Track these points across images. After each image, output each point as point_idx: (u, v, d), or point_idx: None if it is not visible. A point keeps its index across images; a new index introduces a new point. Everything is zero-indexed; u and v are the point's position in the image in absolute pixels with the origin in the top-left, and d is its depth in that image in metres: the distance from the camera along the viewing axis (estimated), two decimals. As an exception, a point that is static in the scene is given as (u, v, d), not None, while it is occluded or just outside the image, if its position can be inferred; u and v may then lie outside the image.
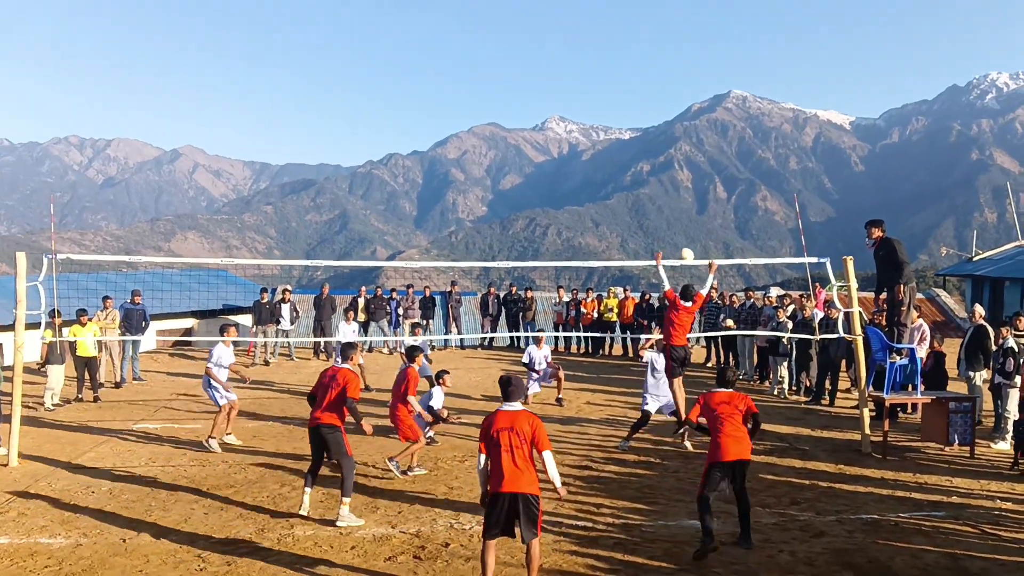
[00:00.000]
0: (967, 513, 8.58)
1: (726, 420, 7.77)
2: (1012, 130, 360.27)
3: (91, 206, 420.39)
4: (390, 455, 10.18)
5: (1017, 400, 11.52)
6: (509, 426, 6.46)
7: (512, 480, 6.37)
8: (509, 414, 6.55)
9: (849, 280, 11.60)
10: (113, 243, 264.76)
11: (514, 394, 6.68)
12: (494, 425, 6.50)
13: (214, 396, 11.56)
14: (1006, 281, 30.38)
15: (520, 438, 6.43)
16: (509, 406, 6.62)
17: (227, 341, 11.86)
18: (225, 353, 11.73)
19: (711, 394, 8.04)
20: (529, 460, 6.45)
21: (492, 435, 6.46)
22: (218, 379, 11.49)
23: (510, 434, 6.43)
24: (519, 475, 6.39)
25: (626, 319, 20.83)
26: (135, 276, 27.04)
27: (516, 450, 6.41)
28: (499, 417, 6.55)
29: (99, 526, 8.09)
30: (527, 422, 6.49)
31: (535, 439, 6.46)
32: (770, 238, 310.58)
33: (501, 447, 6.42)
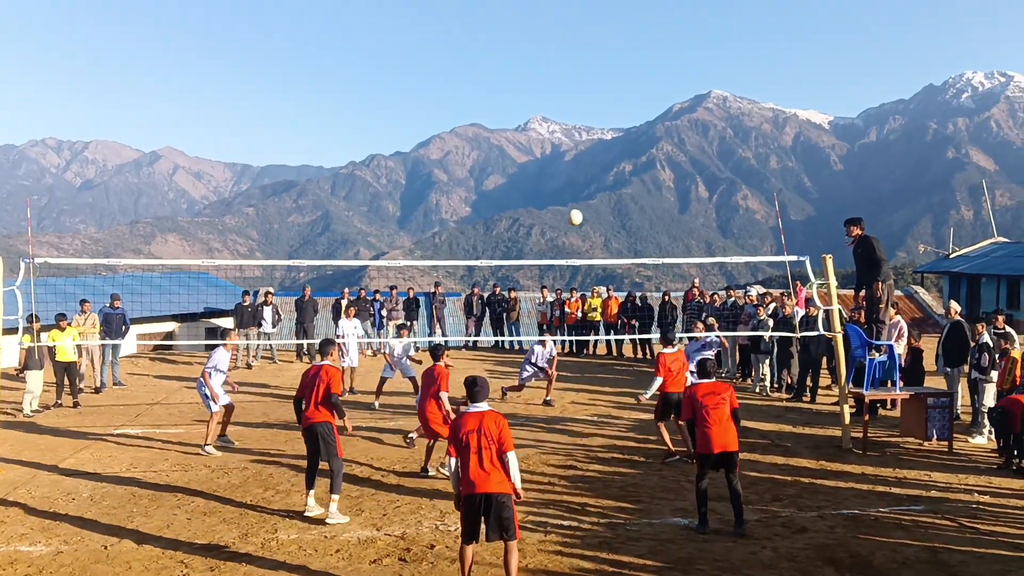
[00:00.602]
0: (945, 507, 8.69)
1: (712, 411, 7.94)
2: (987, 129, 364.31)
3: (69, 209, 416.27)
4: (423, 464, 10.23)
5: (993, 395, 11.67)
6: (476, 427, 6.48)
7: (483, 482, 6.39)
8: (476, 415, 6.56)
9: (829, 278, 11.70)
10: (92, 246, 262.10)
11: (480, 394, 6.71)
12: (463, 428, 6.52)
13: (207, 402, 11.52)
14: (982, 277, 30.75)
15: (488, 439, 6.45)
16: (476, 407, 6.65)
17: (229, 346, 11.94)
18: (224, 359, 11.78)
19: (695, 386, 8.19)
20: (498, 460, 6.46)
21: (461, 438, 6.49)
22: (211, 385, 11.47)
23: (478, 436, 6.45)
24: (488, 476, 6.40)
25: (610, 318, 20.89)
26: (114, 279, 26.85)
27: (484, 451, 6.43)
28: (467, 419, 6.56)
29: (80, 533, 8.03)
30: (493, 422, 6.51)
31: (501, 439, 6.47)
32: (751, 237, 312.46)
33: (470, 449, 6.44)
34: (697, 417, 8.04)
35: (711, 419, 7.93)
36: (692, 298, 19.93)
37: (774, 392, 15.78)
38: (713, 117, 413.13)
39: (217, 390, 11.53)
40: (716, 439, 7.88)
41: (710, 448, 7.89)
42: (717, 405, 8.00)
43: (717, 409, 7.97)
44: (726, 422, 7.98)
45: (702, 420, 7.95)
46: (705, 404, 8.01)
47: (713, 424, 7.92)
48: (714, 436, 7.89)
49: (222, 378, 11.74)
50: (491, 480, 6.39)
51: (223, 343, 11.99)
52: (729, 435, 7.95)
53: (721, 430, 7.91)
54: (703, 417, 7.96)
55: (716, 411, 7.96)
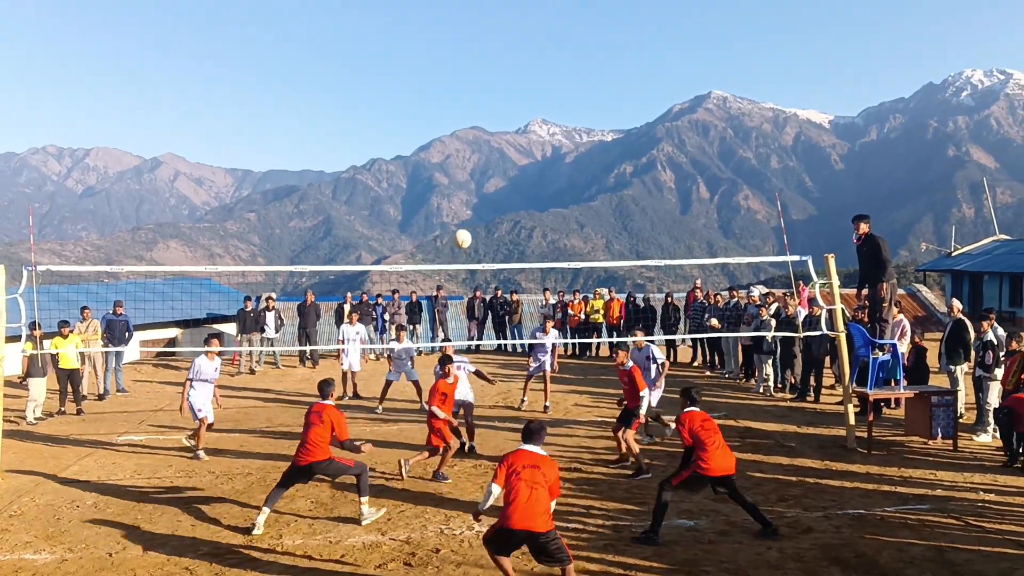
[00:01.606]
0: (951, 506, 8.67)
1: (712, 434, 7.99)
2: (987, 126, 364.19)
3: (71, 216, 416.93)
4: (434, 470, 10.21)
5: (997, 392, 11.64)
6: (532, 464, 6.52)
7: (528, 520, 6.32)
8: (532, 455, 6.62)
9: (831, 277, 11.69)
10: (94, 253, 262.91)
11: (536, 439, 6.77)
12: (517, 461, 6.54)
13: (192, 408, 11.49)
14: (985, 275, 30.69)
15: (545, 479, 6.47)
16: (532, 448, 6.69)
17: (211, 354, 11.77)
18: (205, 367, 11.64)
19: (690, 414, 8.19)
20: (546, 502, 6.44)
21: (517, 469, 6.48)
22: (185, 395, 11.42)
23: (533, 472, 6.47)
24: (535, 516, 6.35)
25: (612, 320, 20.88)
26: (117, 286, 26.86)
27: (537, 489, 6.41)
28: (522, 455, 6.60)
29: (85, 541, 8.02)
30: (550, 466, 6.60)
31: (554, 485, 6.56)
32: (753, 237, 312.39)
33: (522, 482, 6.41)
34: (696, 441, 8.00)
35: (712, 442, 7.94)
36: (694, 299, 19.90)
37: (778, 392, 15.76)
38: (713, 118, 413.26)
39: (191, 402, 11.41)
40: (719, 463, 7.88)
41: (713, 471, 7.86)
42: (715, 430, 8.07)
43: (717, 433, 8.04)
44: (725, 446, 8.05)
45: (701, 444, 7.94)
46: (707, 428, 8.03)
47: (715, 447, 7.92)
48: (716, 459, 7.88)
49: (209, 387, 11.62)
50: (537, 520, 6.35)
51: (205, 351, 11.82)
52: (730, 459, 8.02)
53: (723, 454, 7.95)
54: (703, 442, 7.94)
55: (716, 435, 8.02)
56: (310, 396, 16.13)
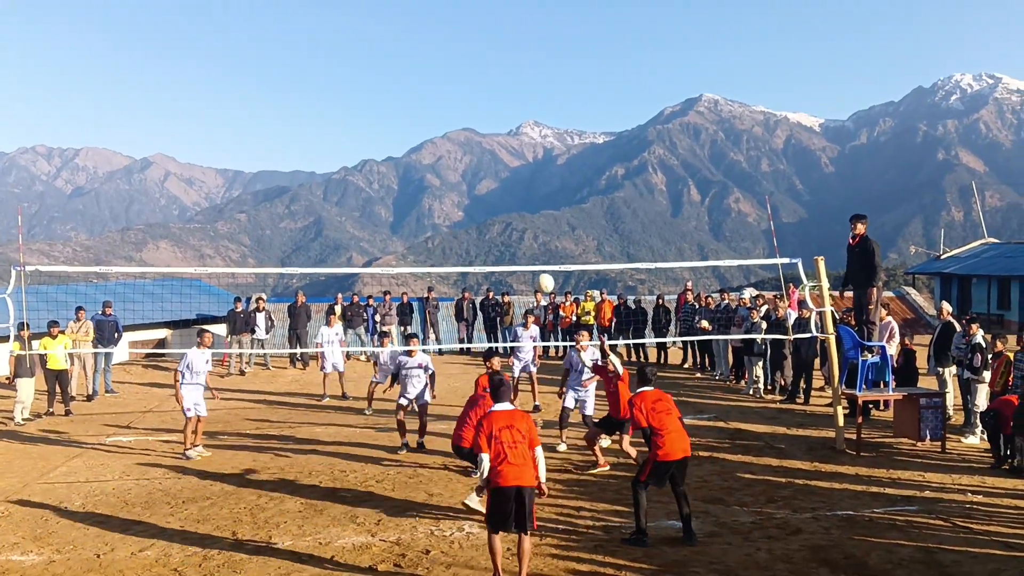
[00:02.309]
0: (939, 507, 8.71)
1: (665, 417, 7.93)
2: (976, 130, 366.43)
3: (60, 216, 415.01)
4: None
5: (986, 395, 11.71)
6: (509, 424, 6.83)
7: (516, 475, 6.70)
8: (505, 413, 6.95)
9: (821, 280, 11.73)
10: (83, 254, 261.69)
11: (505, 394, 7.11)
12: (493, 424, 6.83)
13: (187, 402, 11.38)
14: (973, 278, 30.88)
15: (520, 434, 6.82)
16: (502, 406, 7.02)
17: (203, 345, 11.66)
18: (198, 359, 11.48)
19: (642, 395, 8.12)
20: (529, 455, 6.83)
21: (493, 433, 6.78)
22: (179, 388, 11.29)
23: (510, 431, 6.80)
24: (521, 470, 6.74)
25: (604, 322, 20.90)
26: (106, 287, 26.70)
27: (518, 445, 6.77)
28: (496, 416, 6.91)
29: (72, 542, 7.98)
30: (522, 419, 6.93)
31: (531, 435, 6.89)
32: (743, 239, 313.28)
33: (504, 444, 6.76)
34: (652, 423, 7.89)
35: (667, 426, 7.86)
36: (685, 301, 19.94)
37: (768, 394, 15.80)
38: (704, 120, 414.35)
39: (184, 394, 11.27)
40: (676, 445, 7.81)
41: (671, 455, 7.77)
42: (669, 412, 7.99)
43: (670, 415, 7.96)
44: (681, 429, 7.98)
45: (657, 427, 7.85)
46: (659, 411, 7.94)
47: (670, 431, 7.84)
48: (673, 442, 7.80)
49: (200, 383, 11.51)
50: (523, 474, 6.73)
51: (198, 342, 11.69)
52: (686, 441, 7.95)
53: (679, 436, 7.87)
54: (657, 425, 7.85)
55: (670, 417, 7.94)
56: (300, 397, 16.13)
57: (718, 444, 11.77)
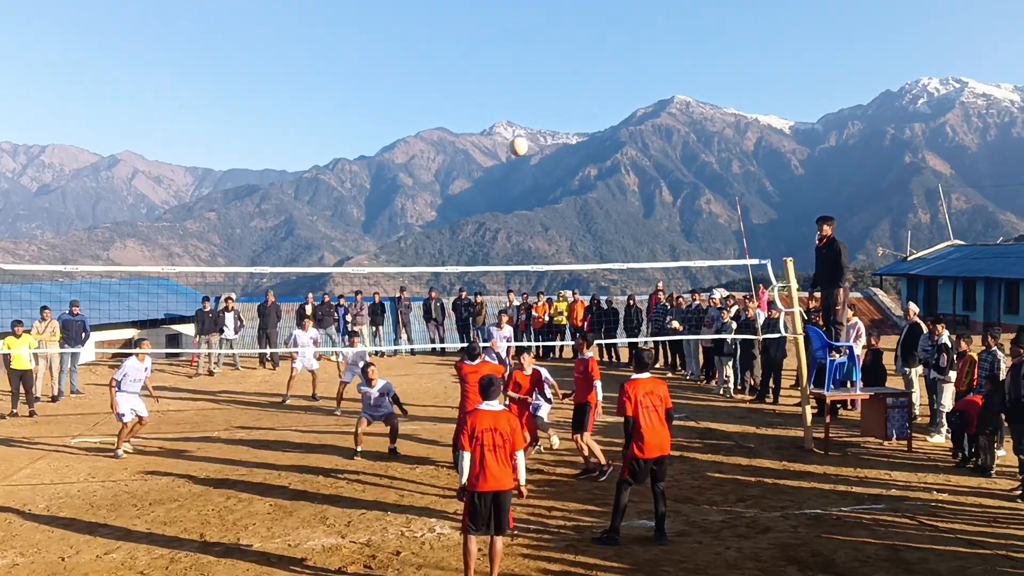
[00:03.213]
0: (905, 505, 8.83)
1: (650, 413, 7.75)
2: (943, 134, 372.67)
3: (25, 214, 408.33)
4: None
5: (951, 394, 11.89)
6: (493, 426, 6.64)
7: (496, 479, 6.57)
8: (491, 414, 6.73)
9: (790, 281, 11.84)
10: (49, 252, 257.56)
11: (493, 393, 6.86)
12: (479, 424, 6.64)
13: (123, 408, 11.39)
14: (939, 280, 31.40)
15: (503, 437, 6.64)
16: (489, 406, 6.80)
17: (140, 356, 11.67)
18: (135, 368, 11.51)
19: (635, 382, 7.87)
20: (509, 459, 6.67)
21: (477, 434, 6.60)
22: (113, 395, 11.33)
23: (493, 434, 6.62)
24: (501, 474, 6.60)
25: (576, 322, 20.94)
26: (72, 286, 26.33)
27: (499, 449, 6.61)
28: (482, 416, 6.70)
29: (36, 545, 7.84)
30: (507, 421, 6.73)
31: (514, 438, 6.69)
32: (715, 240, 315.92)
33: (485, 446, 6.59)
34: (634, 415, 7.71)
35: (647, 422, 7.69)
36: (657, 302, 20.03)
37: (737, 394, 15.93)
38: (676, 122, 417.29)
39: (119, 400, 11.33)
40: (652, 442, 7.67)
41: (647, 452, 7.66)
42: (656, 407, 7.79)
43: (656, 411, 7.78)
44: (662, 425, 7.80)
45: (638, 421, 7.69)
46: (645, 405, 7.73)
47: (649, 428, 7.69)
48: (650, 439, 7.66)
49: (135, 391, 11.53)
50: (503, 478, 6.60)
51: (135, 352, 11.76)
52: (665, 439, 7.79)
53: (657, 433, 7.71)
54: (639, 418, 7.69)
55: (655, 413, 7.75)
56: (270, 397, 15.98)
57: (688, 444, 11.85)
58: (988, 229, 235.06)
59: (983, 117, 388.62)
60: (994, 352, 10.68)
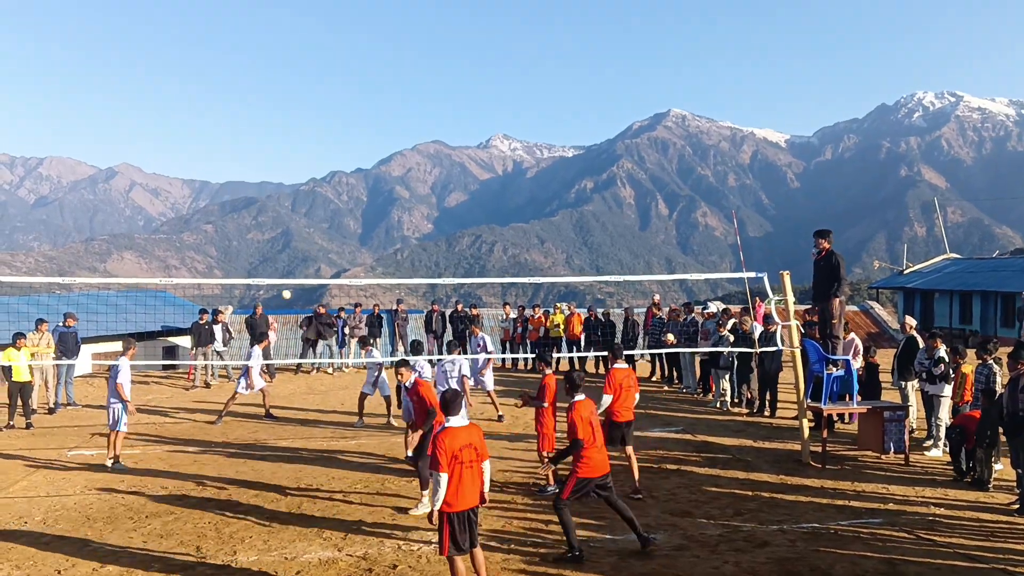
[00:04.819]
0: (903, 519, 8.82)
1: (596, 432, 7.82)
2: (938, 147, 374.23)
3: (22, 226, 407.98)
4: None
5: (948, 408, 11.90)
6: (468, 443, 6.56)
7: (473, 496, 6.53)
8: (463, 429, 6.64)
9: (786, 294, 11.86)
10: (46, 264, 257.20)
11: (458, 408, 6.75)
12: (456, 442, 6.50)
13: (121, 416, 11.45)
14: (936, 293, 31.46)
15: (476, 452, 6.59)
16: (458, 421, 6.69)
17: (130, 354, 11.91)
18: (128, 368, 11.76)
19: (580, 403, 7.85)
20: (480, 472, 6.62)
21: (456, 453, 6.46)
22: (127, 397, 11.49)
23: (470, 450, 6.55)
24: (475, 489, 6.56)
25: (572, 335, 20.94)
26: (69, 298, 26.30)
27: (474, 465, 6.56)
28: (456, 433, 6.57)
29: (33, 557, 7.81)
30: (478, 435, 6.68)
31: (483, 451, 6.66)
32: (711, 253, 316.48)
33: (464, 464, 6.48)
34: (584, 435, 7.69)
35: (596, 441, 7.78)
36: (653, 315, 20.04)
37: (734, 407, 15.93)
38: (672, 135, 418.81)
39: (123, 408, 11.50)
40: (599, 461, 7.73)
41: (596, 471, 7.69)
42: (598, 427, 7.88)
43: (599, 430, 7.87)
44: (602, 443, 7.90)
45: (587, 442, 7.69)
46: (592, 425, 7.79)
47: (596, 446, 7.73)
48: (596, 458, 7.71)
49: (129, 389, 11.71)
50: (475, 493, 6.57)
51: (127, 351, 11.99)
52: (606, 456, 7.88)
53: (600, 451, 7.79)
54: (588, 438, 7.70)
55: (599, 432, 7.85)
56: (264, 409, 15.92)
57: (685, 457, 11.84)
58: (984, 242, 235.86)
59: (978, 131, 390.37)
60: (990, 366, 10.69)
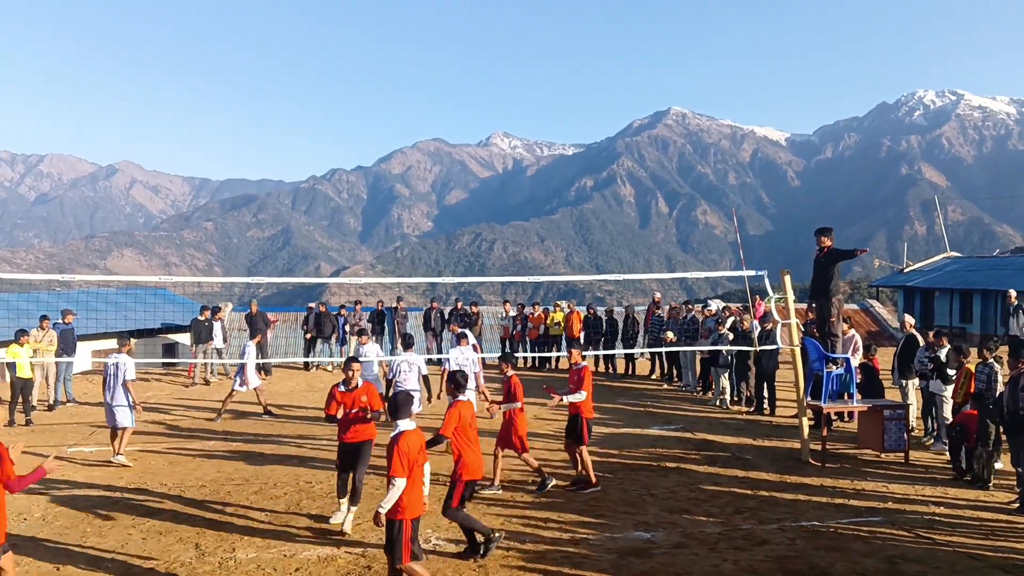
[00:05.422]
0: (902, 518, 8.81)
1: (476, 435, 7.78)
2: (939, 146, 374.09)
3: (23, 223, 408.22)
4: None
5: (951, 407, 11.89)
6: (421, 446, 6.46)
7: (423, 499, 6.49)
8: (416, 434, 6.48)
9: (786, 292, 11.85)
10: (46, 261, 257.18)
11: (407, 411, 6.57)
12: (413, 448, 6.35)
13: (129, 414, 11.54)
14: (936, 291, 31.43)
15: (424, 456, 6.48)
16: (408, 424, 6.51)
17: (127, 351, 11.99)
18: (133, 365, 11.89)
19: (463, 403, 7.81)
20: (422, 475, 6.51)
21: (416, 459, 6.36)
22: (135, 393, 11.67)
23: (423, 453, 6.45)
24: (424, 497, 6.51)
25: (572, 333, 20.92)
26: (69, 295, 26.28)
27: (421, 469, 6.45)
28: (412, 438, 6.40)
29: (32, 554, 7.80)
30: (423, 438, 6.59)
31: (425, 454, 6.55)
32: (711, 251, 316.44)
33: (419, 467, 6.39)
34: (463, 440, 7.67)
35: (474, 444, 7.70)
36: (653, 314, 20.03)
37: (734, 405, 15.92)
38: (672, 133, 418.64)
39: (126, 405, 11.59)
40: (479, 464, 7.75)
41: (476, 473, 7.71)
42: (476, 429, 7.83)
43: (476, 432, 7.82)
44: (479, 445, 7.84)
45: (467, 444, 7.66)
46: (473, 426, 7.75)
47: (476, 450, 7.69)
48: (477, 461, 7.70)
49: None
50: (424, 503, 6.52)
51: (124, 347, 12.07)
52: (482, 458, 7.88)
53: (479, 454, 7.74)
54: (467, 441, 7.67)
55: (476, 434, 7.80)
56: (262, 408, 15.92)
57: (685, 455, 11.84)
58: (984, 241, 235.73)
59: (979, 129, 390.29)
60: (991, 364, 10.68)
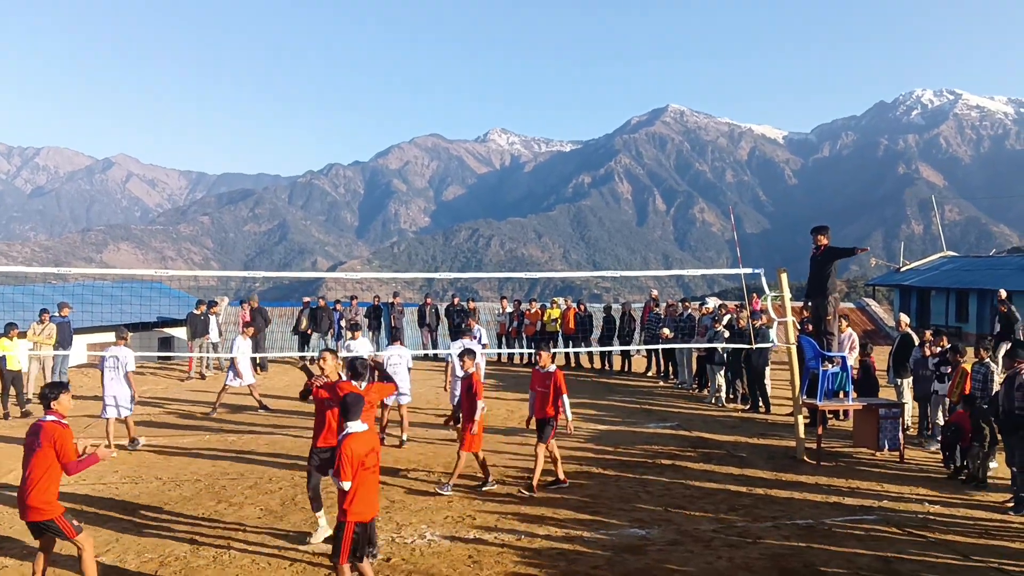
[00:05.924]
0: (897, 517, 8.83)
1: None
2: (936, 145, 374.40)
3: (19, 216, 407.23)
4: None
5: (944, 406, 11.91)
6: (372, 448, 6.31)
7: (376, 505, 6.37)
8: (367, 436, 6.32)
9: (783, 290, 11.86)
10: (42, 254, 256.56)
11: (357, 412, 6.31)
12: (361, 449, 6.19)
13: (130, 405, 11.85)
14: (932, 291, 31.48)
15: (376, 457, 6.34)
16: (358, 426, 6.32)
17: (123, 342, 12.27)
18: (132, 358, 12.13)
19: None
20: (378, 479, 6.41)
21: (364, 460, 6.21)
22: (134, 384, 11.94)
23: (372, 455, 6.29)
24: (377, 498, 6.40)
25: (569, 329, 20.93)
26: (65, 288, 26.22)
27: (377, 471, 6.34)
28: (361, 439, 6.23)
29: (25, 549, 7.79)
30: (376, 440, 6.47)
31: (379, 456, 6.43)
32: (708, 249, 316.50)
33: (369, 470, 6.21)
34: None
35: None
36: (650, 311, 20.03)
37: (730, 403, 15.94)
38: (670, 131, 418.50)
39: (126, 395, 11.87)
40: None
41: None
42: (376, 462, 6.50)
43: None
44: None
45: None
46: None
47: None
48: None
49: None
50: (378, 506, 6.41)
51: (122, 340, 12.38)
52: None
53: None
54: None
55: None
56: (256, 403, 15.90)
57: (680, 452, 11.84)
58: (981, 241, 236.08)
59: (977, 129, 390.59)
60: (987, 364, 10.70)
